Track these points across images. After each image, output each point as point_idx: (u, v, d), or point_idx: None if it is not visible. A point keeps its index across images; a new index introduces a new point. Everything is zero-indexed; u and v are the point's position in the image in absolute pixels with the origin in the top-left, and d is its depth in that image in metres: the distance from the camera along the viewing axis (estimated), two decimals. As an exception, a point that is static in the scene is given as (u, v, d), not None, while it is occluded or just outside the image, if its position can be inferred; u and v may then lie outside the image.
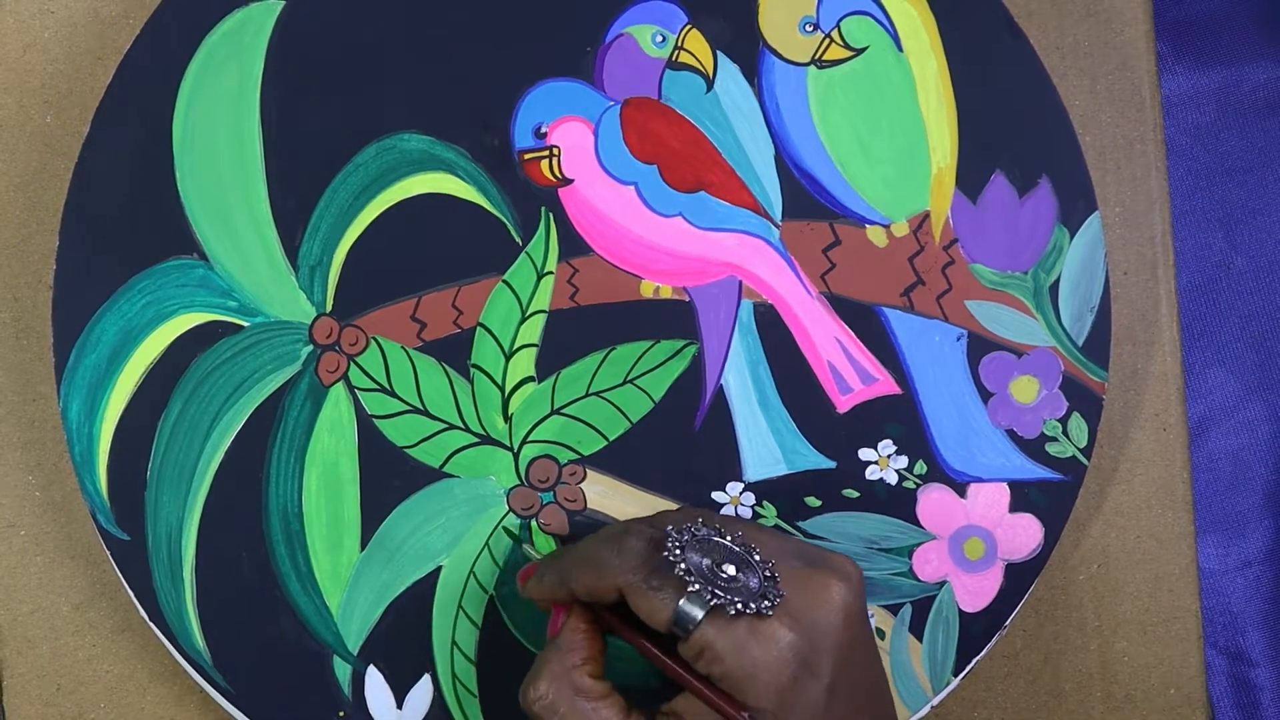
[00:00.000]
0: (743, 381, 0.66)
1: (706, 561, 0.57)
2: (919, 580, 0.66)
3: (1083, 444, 0.66)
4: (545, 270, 0.66)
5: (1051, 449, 0.66)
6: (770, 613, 0.56)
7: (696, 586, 0.56)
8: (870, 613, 0.66)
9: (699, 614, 0.56)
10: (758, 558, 0.57)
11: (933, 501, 0.66)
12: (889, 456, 0.66)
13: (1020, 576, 0.66)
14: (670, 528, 0.58)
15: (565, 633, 0.60)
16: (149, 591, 0.65)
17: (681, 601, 0.56)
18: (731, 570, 0.56)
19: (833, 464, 0.66)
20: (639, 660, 0.65)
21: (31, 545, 0.68)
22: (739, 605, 0.56)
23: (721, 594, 0.56)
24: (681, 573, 0.56)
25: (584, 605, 0.60)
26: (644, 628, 0.58)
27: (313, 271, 0.66)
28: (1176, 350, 0.69)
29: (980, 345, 0.66)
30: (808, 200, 0.66)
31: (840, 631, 0.57)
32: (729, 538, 0.58)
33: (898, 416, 0.66)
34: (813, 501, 0.66)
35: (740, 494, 0.66)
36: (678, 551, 0.57)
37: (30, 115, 0.69)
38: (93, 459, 0.65)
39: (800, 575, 0.58)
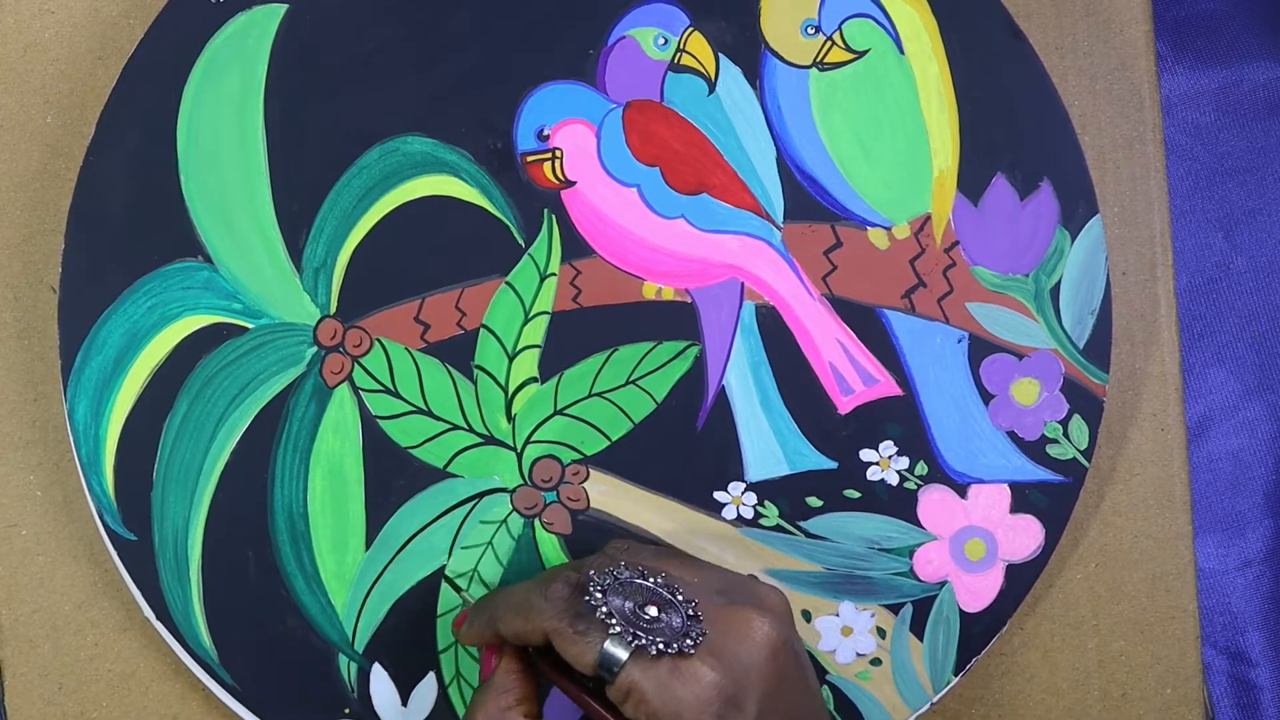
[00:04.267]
0: (744, 382, 0.66)
1: (629, 604, 0.57)
2: (920, 580, 0.66)
3: (1083, 446, 0.66)
4: (548, 272, 0.66)
5: (1052, 451, 0.66)
6: (692, 651, 0.56)
7: (619, 629, 0.56)
8: (870, 612, 0.66)
9: (623, 656, 0.56)
10: (680, 597, 0.58)
11: (933, 502, 0.66)
12: (890, 457, 0.66)
13: (1021, 577, 0.66)
14: (592, 571, 0.58)
15: (498, 674, 0.60)
16: (156, 591, 0.65)
17: (606, 644, 0.56)
18: (654, 611, 0.57)
19: (834, 464, 0.66)
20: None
21: (33, 545, 0.68)
22: (661, 645, 0.56)
23: (644, 635, 0.56)
24: (604, 616, 0.56)
25: (516, 647, 0.60)
26: (573, 671, 0.58)
27: (317, 274, 0.66)
28: (1175, 350, 0.69)
29: (981, 347, 0.66)
30: (809, 202, 0.67)
31: (764, 666, 0.57)
32: (652, 579, 0.58)
33: (899, 418, 0.66)
34: (814, 501, 0.66)
35: (742, 494, 0.66)
36: (599, 595, 0.57)
37: (31, 115, 0.69)
38: (99, 460, 0.65)
39: (724, 613, 0.58)
